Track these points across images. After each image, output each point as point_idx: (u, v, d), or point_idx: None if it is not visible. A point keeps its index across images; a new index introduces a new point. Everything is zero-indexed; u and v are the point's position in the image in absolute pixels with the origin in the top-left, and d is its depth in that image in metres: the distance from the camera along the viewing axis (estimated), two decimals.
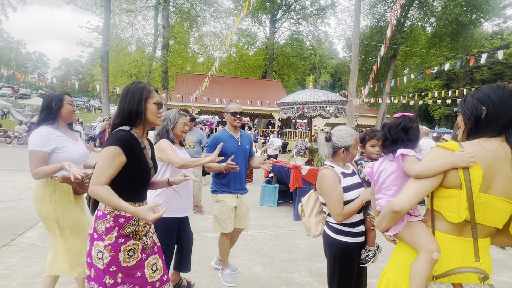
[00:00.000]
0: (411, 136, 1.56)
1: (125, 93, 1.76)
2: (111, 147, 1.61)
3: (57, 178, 2.30)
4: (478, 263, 1.27)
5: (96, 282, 1.63)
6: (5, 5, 33.37)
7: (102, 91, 18.65)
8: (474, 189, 1.23)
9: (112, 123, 1.77)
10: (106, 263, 1.60)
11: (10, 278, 2.95)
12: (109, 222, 1.64)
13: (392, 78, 22.03)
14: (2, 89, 40.69)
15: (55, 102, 2.35)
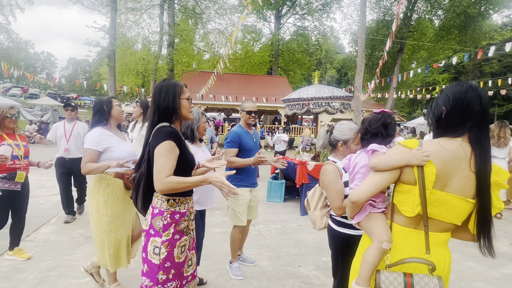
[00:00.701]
0: (390, 131, 1.69)
1: (158, 90, 1.79)
2: (166, 141, 1.65)
3: (110, 174, 2.55)
4: (428, 255, 1.33)
5: (148, 277, 1.68)
6: (13, 6, 33.87)
7: (110, 90, 18.85)
8: (428, 186, 1.29)
9: (149, 120, 1.81)
10: (162, 259, 1.66)
11: (27, 272, 3.06)
12: (166, 219, 1.70)
13: (399, 72, 21.81)
14: (12, 90, 41.35)
15: (105, 105, 2.63)
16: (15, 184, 3.18)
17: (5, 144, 3.09)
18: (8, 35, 35.39)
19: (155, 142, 1.67)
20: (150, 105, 1.83)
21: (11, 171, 3.14)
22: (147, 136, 1.78)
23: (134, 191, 1.84)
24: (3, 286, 2.80)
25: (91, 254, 3.52)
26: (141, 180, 1.78)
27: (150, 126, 1.79)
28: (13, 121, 3.22)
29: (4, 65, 10.84)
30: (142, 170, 1.77)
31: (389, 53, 22.51)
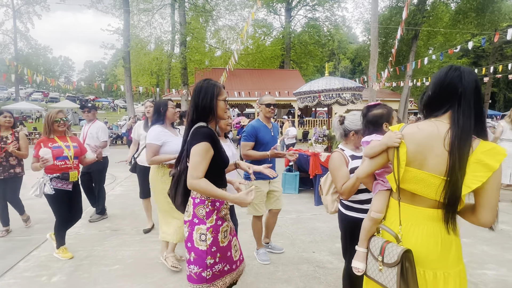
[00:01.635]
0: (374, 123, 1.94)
1: (198, 90, 1.91)
2: (202, 143, 1.76)
3: (166, 165, 3.08)
4: (400, 227, 1.47)
5: (196, 264, 1.80)
6: (31, 13, 35.05)
7: (126, 90, 19.37)
8: (401, 164, 1.42)
9: (188, 119, 1.93)
10: (209, 244, 1.78)
11: (63, 261, 3.35)
12: (208, 207, 1.82)
13: (414, 59, 21.32)
14: (34, 94, 42.96)
15: (162, 107, 3.15)
16: (67, 184, 3.33)
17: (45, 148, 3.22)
18: (27, 41, 36.70)
19: (192, 140, 1.80)
20: (189, 104, 1.95)
21: (63, 171, 3.29)
22: (186, 134, 1.91)
23: (173, 188, 1.95)
24: (43, 273, 3.09)
25: (119, 245, 3.80)
26: (181, 176, 1.89)
27: (189, 124, 1.90)
28: (62, 124, 3.33)
29: (28, 71, 11.36)
30: (182, 166, 1.89)
31: (404, 41, 22.04)
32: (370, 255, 1.59)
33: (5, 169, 3.99)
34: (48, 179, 3.23)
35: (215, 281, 1.85)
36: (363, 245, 1.71)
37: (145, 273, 3.11)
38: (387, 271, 1.45)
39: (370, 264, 1.58)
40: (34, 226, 4.43)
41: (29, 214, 4.52)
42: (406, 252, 1.39)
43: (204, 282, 1.82)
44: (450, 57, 26.14)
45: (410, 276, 1.39)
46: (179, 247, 3.58)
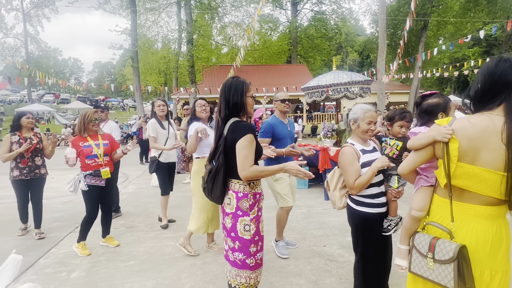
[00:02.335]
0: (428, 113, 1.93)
1: (228, 87, 1.99)
2: (248, 135, 1.87)
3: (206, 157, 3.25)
4: (452, 223, 1.45)
5: (241, 251, 1.94)
6: (40, 16, 35.62)
7: (135, 90, 19.58)
8: (452, 159, 1.39)
9: (220, 115, 2.01)
10: (253, 234, 1.93)
11: (81, 258, 3.47)
12: (250, 200, 1.95)
13: (423, 50, 20.97)
14: (45, 96, 43.82)
15: (193, 107, 3.56)
16: (100, 180, 3.49)
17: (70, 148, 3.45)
18: (37, 44, 37.41)
19: (237, 135, 1.88)
20: (219, 101, 2.02)
21: (95, 168, 3.45)
22: (220, 129, 1.98)
23: (210, 182, 2.00)
24: (62, 269, 3.21)
25: (134, 242, 3.91)
26: (219, 171, 1.96)
27: (223, 120, 1.99)
28: (96, 124, 3.53)
29: (39, 74, 11.60)
30: (220, 161, 1.96)
31: (413, 31, 21.67)
32: (415, 252, 1.56)
33: (31, 170, 4.03)
34: (83, 176, 3.42)
35: (257, 269, 1.96)
36: (405, 243, 1.73)
37: (160, 268, 3.20)
38: (440, 268, 1.42)
39: (416, 261, 1.55)
40: (52, 225, 4.58)
41: (46, 213, 4.64)
42: (462, 248, 1.37)
43: (247, 268, 1.94)
44: (461, 47, 25.59)
45: (466, 273, 1.36)
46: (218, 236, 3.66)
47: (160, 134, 4.26)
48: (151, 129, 4.19)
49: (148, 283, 2.92)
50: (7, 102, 37.90)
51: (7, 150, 3.89)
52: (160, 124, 4.29)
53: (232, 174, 1.98)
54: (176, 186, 6.95)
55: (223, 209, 2.04)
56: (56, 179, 7.87)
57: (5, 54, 34.51)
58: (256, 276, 1.98)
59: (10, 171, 3.99)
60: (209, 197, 2.08)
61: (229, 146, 1.92)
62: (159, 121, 4.31)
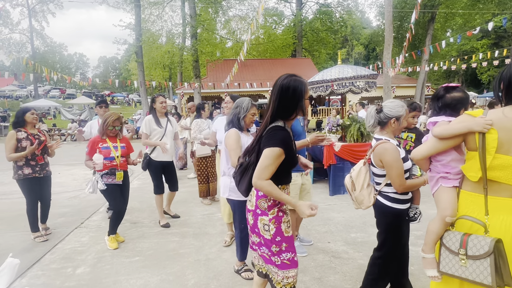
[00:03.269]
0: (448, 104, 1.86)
1: (285, 88, 1.83)
2: (276, 148, 1.75)
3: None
4: (487, 217, 1.42)
5: (266, 247, 1.93)
6: (45, 12, 35.72)
7: (140, 85, 19.61)
8: (490, 151, 1.37)
9: (269, 113, 1.88)
10: (273, 234, 1.88)
11: (86, 253, 3.49)
12: (270, 200, 1.89)
13: (431, 43, 20.63)
14: (52, 91, 44.10)
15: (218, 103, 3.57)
16: (114, 178, 3.58)
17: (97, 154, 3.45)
18: (43, 40, 37.50)
19: (267, 142, 1.79)
20: (272, 99, 1.88)
21: (110, 167, 3.54)
22: (263, 128, 1.90)
23: (239, 175, 2.00)
24: (68, 265, 3.24)
25: (138, 237, 3.92)
26: (249, 168, 1.93)
27: (269, 119, 1.88)
28: (114, 132, 3.58)
29: (45, 70, 11.65)
30: (252, 159, 1.92)
31: (420, 24, 21.30)
32: (444, 251, 1.54)
33: (43, 167, 3.90)
34: (99, 176, 3.51)
35: (286, 270, 1.90)
36: (432, 251, 1.66)
37: (164, 264, 3.21)
38: (474, 264, 1.40)
39: (446, 260, 1.52)
40: (57, 220, 4.61)
41: (52, 208, 4.65)
42: (497, 242, 1.36)
43: (273, 264, 1.92)
44: (470, 39, 25.15)
45: (502, 268, 1.35)
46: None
47: (154, 131, 4.19)
48: (145, 125, 4.18)
49: (152, 279, 2.93)
50: (14, 98, 38.26)
51: (13, 147, 3.66)
52: (156, 121, 4.22)
53: None
54: (181, 181, 6.98)
55: (246, 206, 2.05)
56: (62, 174, 7.94)
57: (11, 49, 34.71)
58: (285, 277, 1.90)
59: (18, 169, 3.72)
60: (238, 188, 2.07)
61: (262, 148, 1.85)
62: (157, 118, 4.24)
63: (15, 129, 3.78)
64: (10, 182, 7.07)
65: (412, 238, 3.62)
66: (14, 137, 3.70)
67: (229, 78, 15.52)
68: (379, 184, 2.22)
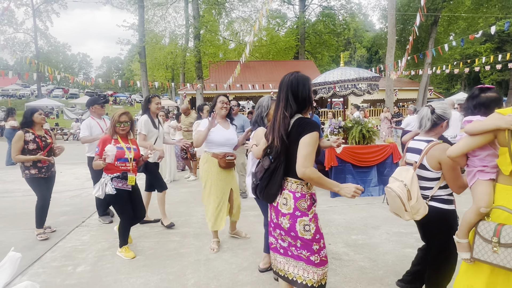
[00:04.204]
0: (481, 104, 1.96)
1: (296, 82, 1.90)
2: (314, 133, 1.79)
3: (209, 153, 3.42)
4: None
5: (304, 249, 1.91)
6: (50, 11, 35.92)
7: (143, 85, 19.68)
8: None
9: (287, 111, 1.89)
10: (313, 233, 1.88)
11: (86, 252, 3.50)
12: (308, 200, 1.90)
13: (433, 46, 20.60)
14: (55, 91, 44.30)
15: (213, 104, 3.50)
16: (127, 183, 3.30)
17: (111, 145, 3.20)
18: (47, 40, 37.69)
19: (302, 131, 1.81)
20: (283, 96, 1.91)
21: (123, 171, 3.27)
22: (284, 126, 1.88)
23: (266, 179, 1.95)
24: (69, 263, 3.24)
25: (139, 237, 3.93)
26: (278, 168, 1.91)
27: (289, 116, 1.89)
28: (123, 128, 3.29)
29: (48, 69, 11.71)
30: (281, 159, 1.90)
31: (422, 27, 21.30)
32: (478, 239, 1.69)
33: (48, 168, 3.88)
34: (109, 179, 3.21)
35: (323, 266, 1.93)
36: (466, 237, 1.82)
37: (164, 264, 3.21)
38: (506, 251, 1.55)
39: (479, 247, 1.68)
40: (59, 218, 4.63)
41: (54, 207, 4.69)
42: None
43: (312, 264, 1.92)
44: (473, 43, 25.14)
45: None
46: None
47: (151, 132, 4.12)
48: (144, 126, 4.01)
49: (152, 278, 2.93)
50: (17, 97, 38.44)
51: (20, 148, 3.68)
52: (152, 122, 4.13)
53: (290, 173, 1.91)
54: (180, 183, 6.99)
55: (276, 209, 1.97)
56: (64, 173, 7.97)
57: (15, 49, 34.92)
58: (323, 273, 1.93)
59: (25, 169, 3.76)
60: (260, 195, 2.01)
61: (292, 142, 1.85)
62: (152, 119, 4.14)
63: (22, 130, 3.76)
64: (12, 181, 7.11)
65: (413, 241, 3.64)
66: (22, 139, 3.69)
67: (231, 79, 15.55)
68: (429, 188, 2.16)
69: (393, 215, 4.64)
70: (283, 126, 1.88)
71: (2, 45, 19.67)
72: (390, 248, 3.49)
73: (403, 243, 3.62)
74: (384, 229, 4.02)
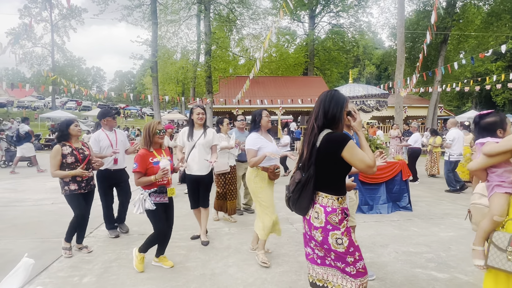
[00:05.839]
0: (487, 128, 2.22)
1: (329, 98, 1.98)
2: (349, 143, 1.85)
3: (259, 167, 3.43)
4: None
5: (339, 261, 1.94)
6: (67, 27, 37.29)
7: (153, 99, 20.05)
8: None
9: (316, 124, 1.96)
10: (347, 246, 1.90)
11: (93, 263, 3.52)
12: (339, 214, 1.92)
13: (443, 64, 20.60)
14: (68, 103, 45.45)
15: (257, 117, 3.53)
16: (164, 196, 3.23)
17: (164, 159, 3.17)
18: (63, 54, 39.02)
19: (339, 146, 1.85)
20: (315, 110, 2.00)
21: (160, 185, 3.19)
22: (311, 139, 1.94)
23: (297, 192, 1.98)
24: (75, 274, 3.26)
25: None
26: (309, 182, 1.94)
27: (318, 130, 1.95)
28: (162, 136, 3.20)
29: (64, 82, 12.07)
30: (311, 172, 1.93)
31: (432, 45, 21.36)
32: (493, 247, 1.87)
33: (88, 182, 3.77)
34: (147, 194, 3.15)
35: (360, 278, 1.92)
36: (482, 244, 2.01)
37: (170, 277, 3.20)
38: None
39: (494, 256, 1.85)
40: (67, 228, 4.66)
41: (63, 217, 4.74)
42: None
43: (349, 275, 1.94)
44: (483, 61, 25.03)
45: None
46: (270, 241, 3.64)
47: (185, 144, 4.07)
48: (180, 138, 4.11)
49: None
50: (32, 108, 39.51)
51: (59, 164, 3.52)
52: (189, 133, 4.05)
53: (320, 187, 1.95)
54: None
55: (308, 222, 2.00)
56: None
57: (32, 62, 36.17)
58: (361, 284, 1.93)
59: (64, 185, 3.61)
60: (292, 207, 2.06)
61: (321, 157, 1.90)
62: (192, 130, 4.06)
63: (59, 143, 3.60)
64: (23, 190, 7.23)
65: (422, 261, 3.55)
66: (60, 153, 3.52)
67: (240, 94, 15.73)
68: None
69: (401, 234, 4.55)
70: (311, 138, 1.95)
71: (21, 59, 20.42)
72: (399, 267, 3.41)
73: (412, 262, 3.54)
74: (393, 248, 3.94)
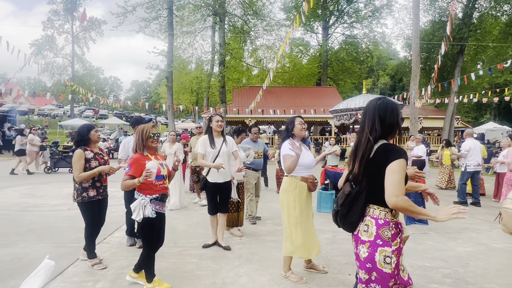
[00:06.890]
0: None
1: (384, 107, 1.87)
2: (401, 160, 1.71)
3: (297, 177, 3.29)
4: None
5: (378, 283, 1.75)
6: (87, 38, 38.66)
7: (168, 108, 20.41)
8: None
9: (371, 134, 1.85)
10: (394, 267, 1.72)
11: (106, 269, 3.56)
12: (393, 229, 1.76)
13: (459, 75, 20.24)
14: (86, 112, 46.76)
15: (289, 125, 3.45)
16: (163, 206, 3.05)
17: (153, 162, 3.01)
18: (83, 64, 40.41)
19: (389, 157, 1.73)
20: (368, 118, 1.89)
21: (162, 191, 2.99)
22: (368, 151, 1.82)
23: (346, 206, 1.87)
24: (89, 279, 3.31)
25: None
26: (360, 194, 1.83)
27: (373, 140, 1.83)
28: (156, 140, 3.07)
29: (83, 91, 12.46)
30: (363, 184, 1.82)
31: (448, 55, 21.08)
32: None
33: (105, 189, 3.72)
34: (148, 200, 2.91)
35: None
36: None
37: (180, 285, 3.21)
38: None
39: None
40: (81, 235, 4.74)
41: (78, 222, 4.79)
42: None
43: None
44: (502, 72, 24.47)
45: None
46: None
47: (207, 152, 4.10)
48: (200, 145, 4.07)
49: None
50: (51, 116, 40.81)
51: (82, 168, 3.43)
52: (211, 141, 4.10)
53: (372, 199, 1.81)
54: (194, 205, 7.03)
55: (356, 237, 1.86)
56: None
57: (53, 72, 37.54)
58: None
59: (83, 191, 3.50)
60: (340, 222, 1.94)
61: (375, 169, 1.77)
62: (212, 138, 4.13)
63: (81, 148, 3.52)
64: (41, 196, 7.42)
65: (439, 276, 3.45)
66: (83, 157, 3.44)
67: (253, 104, 15.83)
68: None
69: (416, 247, 4.44)
70: (366, 150, 1.83)
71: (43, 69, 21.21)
72: (414, 282, 3.31)
73: (428, 277, 3.44)
74: (408, 262, 3.84)
